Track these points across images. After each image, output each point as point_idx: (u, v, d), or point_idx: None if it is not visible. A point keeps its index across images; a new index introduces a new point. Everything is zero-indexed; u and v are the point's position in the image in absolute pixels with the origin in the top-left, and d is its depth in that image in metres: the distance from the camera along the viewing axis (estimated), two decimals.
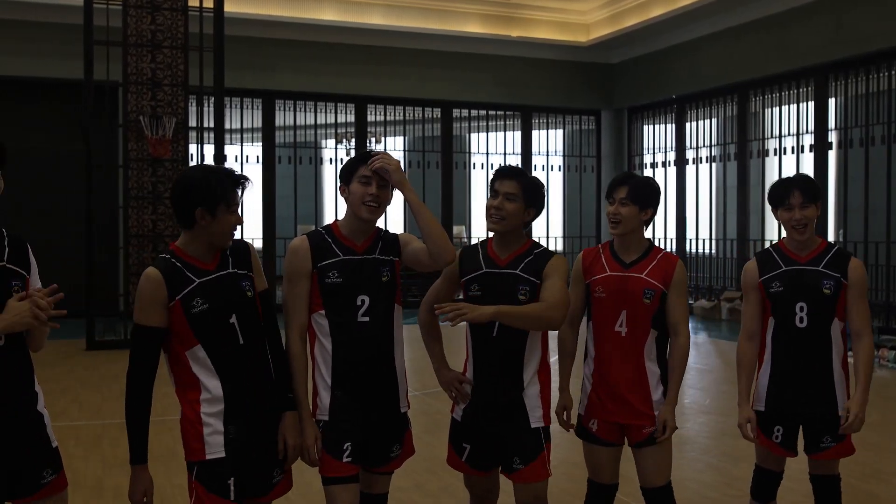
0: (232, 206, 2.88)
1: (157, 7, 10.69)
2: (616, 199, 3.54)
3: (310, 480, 5.20)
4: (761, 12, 12.93)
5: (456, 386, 3.45)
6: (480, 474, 3.47)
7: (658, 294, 3.48)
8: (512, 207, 3.34)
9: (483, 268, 3.41)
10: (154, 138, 10.60)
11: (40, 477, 2.77)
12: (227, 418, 2.86)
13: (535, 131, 16.83)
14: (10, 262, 2.74)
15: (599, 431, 3.54)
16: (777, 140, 13.46)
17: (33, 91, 13.44)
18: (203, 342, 2.84)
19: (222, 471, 2.84)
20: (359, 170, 3.20)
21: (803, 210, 3.56)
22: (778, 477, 3.75)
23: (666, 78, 15.17)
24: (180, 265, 2.86)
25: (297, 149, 15.24)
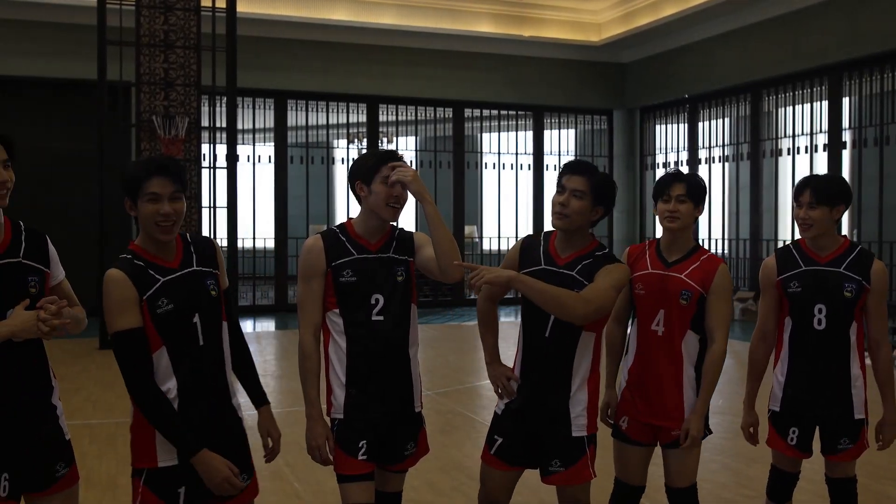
0: (147, 194, 2.73)
1: (170, 7, 10.72)
2: (673, 197, 3.46)
3: (322, 479, 5.23)
4: (774, 11, 12.87)
5: (503, 381, 3.38)
6: (505, 468, 3.38)
7: (696, 296, 3.40)
8: (578, 205, 3.22)
9: (542, 264, 3.32)
10: (167, 138, 10.63)
11: (54, 471, 2.77)
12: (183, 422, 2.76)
13: (546, 131, 16.81)
14: (27, 258, 2.73)
15: (629, 430, 3.50)
16: (790, 140, 13.40)
17: (47, 91, 13.51)
18: (167, 343, 2.76)
19: (173, 479, 2.77)
20: (381, 170, 3.14)
21: (811, 210, 3.49)
22: (794, 478, 3.72)
23: (678, 77, 15.13)
24: (143, 264, 2.78)
25: (308, 149, 15.26)
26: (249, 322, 13.72)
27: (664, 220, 3.50)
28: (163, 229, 2.76)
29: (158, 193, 2.74)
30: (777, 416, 3.65)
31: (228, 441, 2.89)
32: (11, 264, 2.68)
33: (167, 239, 2.79)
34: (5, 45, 12.82)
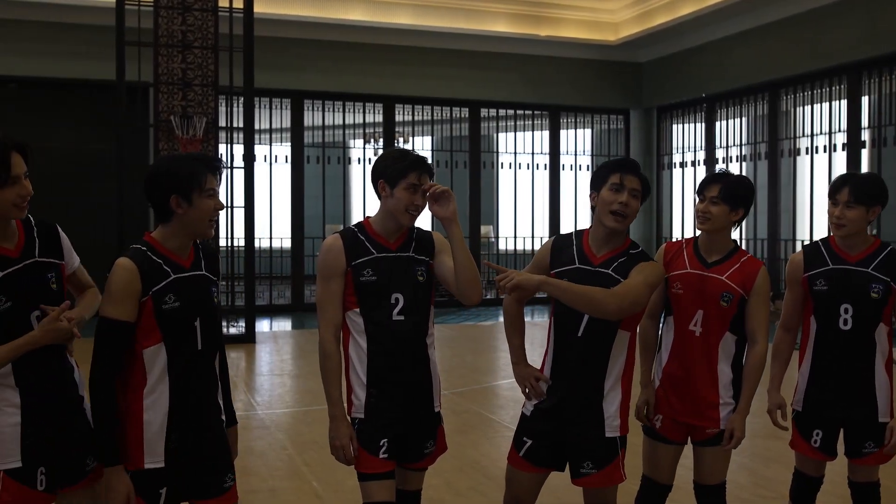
0: (207, 190, 2.76)
1: (188, 8, 10.78)
2: (706, 197, 3.45)
3: (342, 479, 5.25)
4: (792, 10, 12.80)
5: (531, 382, 3.35)
6: (533, 471, 3.36)
7: (737, 298, 3.40)
8: (636, 205, 3.23)
9: (576, 263, 3.30)
10: (185, 138, 10.68)
11: (84, 464, 2.81)
12: (172, 424, 2.77)
13: (563, 131, 16.78)
14: (43, 255, 2.75)
15: (663, 429, 3.49)
16: (809, 139, 13.32)
17: (66, 92, 13.60)
18: (166, 342, 2.75)
19: (157, 480, 2.77)
20: (409, 176, 3.12)
21: (848, 209, 3.44)
22: (818, 482, 3.67)
23: (695, 77, 15.06)
24: (156, 258, 2.77)
25: (325, 148, 15.30)
26: (266, 321, 13.77)
27: (697, 220, 3.51)
28: (212, 225, 2.81)
29: (216, 190, 2.79)
30: (800, 416, 3.62)
31: (212, 445, 2.89)
32: (29, 265, 2.70)
33: (211, 235, 2.83)
34: (25, 46, 12.91)
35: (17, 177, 2.61)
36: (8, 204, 2.61)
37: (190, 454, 2.81)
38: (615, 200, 3.21)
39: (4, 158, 2.59)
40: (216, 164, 2.81)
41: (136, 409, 2.75)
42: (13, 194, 2.61)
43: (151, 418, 2.75)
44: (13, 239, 2.70)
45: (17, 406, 2.66)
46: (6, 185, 2.59)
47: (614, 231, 3.25)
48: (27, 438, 2.67)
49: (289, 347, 11.40)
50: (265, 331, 12.75)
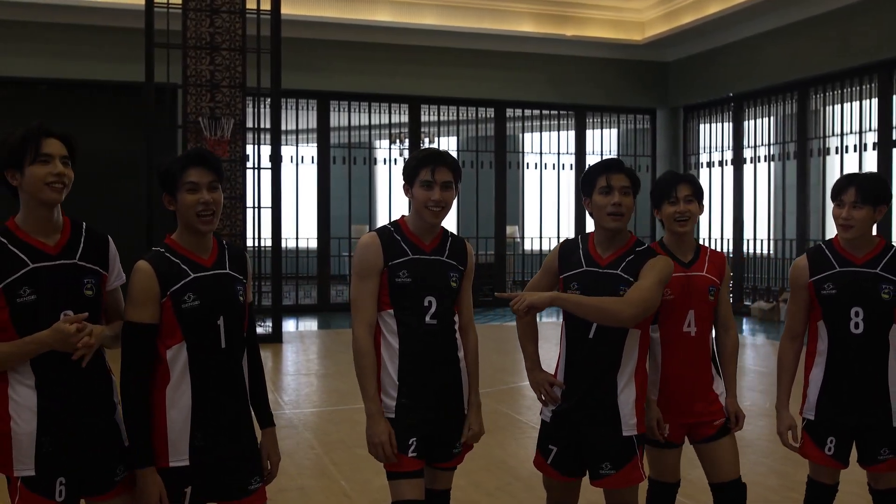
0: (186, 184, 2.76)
1: (216, 10, 10.86)
2: (680, 198, 3.53)
3: (369, 478, 5.26)
4: (822, 7, 12.68)
5: (546, 388, 3.38)
6: (564, 479, 3.40)
7: (717, 290, 3.56)
8: (629, 202, 3.26)
9: (584, 266, 3.31)
10: (212, 139, 10.76)
11: (113, 474, 2.77)
12: (195, 423, 2.77)
13: (588, 131, 16.73)
14: (84, 259, 2.73)
15: (669, 435, 3.49)
16: (839, 138, 13.18)
17: (95, 94, 13.74)
18: (187, 340, 2.76)
19: (182, 479, 2.78)
20: (420, 173, 3.14)
21: (854, 210, 3.37)
22: (833, 490, 3.58)
23: (723, 76, 14.95)
24: (175, 259, 2.79)
25: (351, 149, 15.36)
26: (292, 321, 13.84)
27: (675, 224, 3.52)
28: (203, 220, 2.79)
29: (197, 182, 2.78)
30: (812, 424, 3.53)
31: (238, 444, 2.89)
32: (66, 265, 2.69)
33: (207, 230, 2.82)
34: (54, 48, 13.08)
35: (48, 155, 2.64)
36: (39, 182, 2.63)
37: (216, 453, 2.81)
38: (608, 203, 3.24)
39: (37, 138, 2.64)
40: (200, 157, 2.81)
41: (159, 408, 2.76)
42: (44, 172, 2.63)
43: (175, 417, 2.76)
44: (54, 236, 2.71)
45: (33, 411, 2.62)
46: (36, 161, 2.63)
47: (615, 231, 3.29)
48: (43, 447, 2.62)
49: (315, 347, 11.45)
50: (291, 330, 12.82)
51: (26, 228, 2.68)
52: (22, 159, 2.63)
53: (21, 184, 2.65)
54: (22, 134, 2.65)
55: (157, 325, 2.74)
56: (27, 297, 2.60)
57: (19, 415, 2.62)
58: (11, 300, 2.60)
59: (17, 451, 2.61)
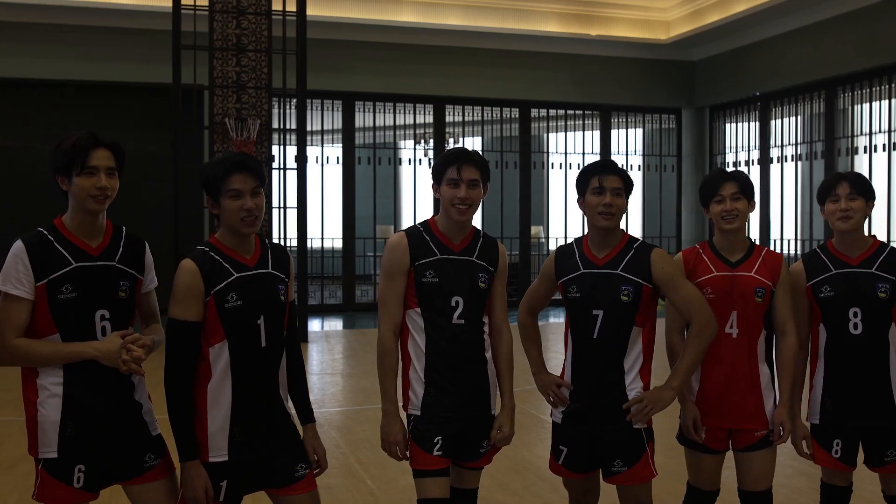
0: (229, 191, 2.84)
1: (242, 11, 10.93)
2: (726, 197, 3.43)
3: (395, 477, 5.28)
4: (850, 6, 12.55)
5: (553, 390, 3.41)
6: (578, 476, 3.43)
7: (768, 292, 3.39)
8: (620, 202, 3.29)
9: (581, 268, 3.34)
10: (239, 140, 10.83)
11: (143, 461, 2.87)
12: (234, 419, 2.85)
13: (614, 131, 16.66)
14: (122, 263, 2.84)
15: (708, 440, 3.43)
16: (867, 137, 13.04)
17: (122, 95, 13.86)
18: (229, 338, 2.83)
19: (219, 473, 2.86)
20: (447, 171, 3.19)
21: (851, 201, 3.40)
22: (847, 491, 3.56)
23: (749, 75, 14.84)
24: (219, 258, 2.87)
25: (376, 149, 15.40)
26: (317, 321, 13.89)
27: (722, 222, 3.45)
28: (247, 223, 2.86)
29: (240, 189, 2.85)
30: (818, 428, 3.51)
31: (277, 439, 2.96)
32: (106, 267, 2.80)
33: (250, 232, 2.89)
34: (82, 50, 13.22)
35: (95, 168, 2.75)
36: (84, 193, 2.74)
37: (254, 449, 2.89)
38: (599, 203, 3.28)
39: (86, 149, 2.74)
40: (242, 164, 2.87)
41: (200, 405, 2.85)
42: (89, 184, 2.73)
43: (215, 414, 2.84)
44: (97, 238, 2.82)
45: (60, 397, 2.73)
46: (83, 173, 2.73)
47: (607, 230, 3.31)
48: (66, 431, 2.73)
49: (340, 347, 11.49)
50: (317, 330, 12.88)
51: (71, 228, 2.79)
52: (70, 169, 2.74)
53: (69, 190, 2.78)
54: (72, 143, 2.75)
55: (200, 322, 2.82)
56: (68, 295, 2.72)
57: (46, 400, 2.73)
58: (53, 296, 2.71)
59: (42, 434, 2.73)
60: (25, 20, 12.95)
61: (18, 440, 6.22)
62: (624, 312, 3.26)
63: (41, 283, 2.70)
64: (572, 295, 3.34)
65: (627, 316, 3.26)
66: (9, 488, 5.16)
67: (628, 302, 3.24)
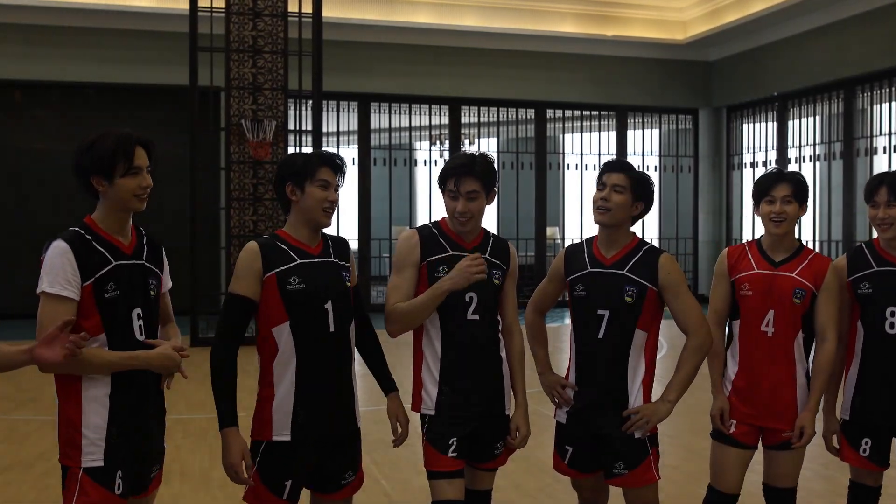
0: (318, 180, 2.95)
1: (258, 13, 10.97)
2: (778, 198, 3.38)
3: (409, 477, 5.27)
4: (869, 5, 12.45)
5: (558, 390, 3.42)
6: (585, 476, 3.44)
7: (809, 294, 3.35)
8: (619, 199, 3.28)
9: (588, 267, 3.35)
10: (255, 141, 10.87)
11: (150, 473, 2.86)
12: (298, 401, 2.91)
13: (630, 131, 16.60)
14: (149, 262, 2.84)
15: (736, 433, 3.42)
16: (886, 138, 12.93)
17: (140, 97, 13.94)
18: (292, 321, 2.90)
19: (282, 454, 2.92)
20: (447, 183, 3.22)
21: (889, 208, 3.34)
22: (875, 492, 3.53)
23: (767, 75, 14.75)
24: (283, 246, 2.96)
25: (391, 151, 15.41)
26: None
27: (769, 224, 3.41)
28: (327, 214, 2.98)
29: (328, 181, 2.97)
30: (848, 425, 3.49)
31: (339, 434, 3.01)
32: (138, 265, 2.79)
33: (328, 223, 3.01)
34: (101, 53, 13.32)
35: (139, 168, 2.74)
36: (129, 193, 2.73)
37: (317, 431, 2.94)
38: (598, 197, 3.32)
39: (129, 149, 2.72)
40: (335, 160, 3.02)
41: (267, 381, 2.94)
42: (134, 184, 2.73)
43: (281, 393, 2.91)
44: (127, 237, 2.81)
45: (105, 404, 2.68)
46: (128, 173, 2.71)
47: (603, 226, 3.33)
48: (112, 438, 2.68)
49: None
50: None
51: (105, 227, 2.76)
52: (112, 169, 2.70)
53: (107, 191, 2.72)
54: (114, 142, 2.70)
55: (254, 301, 2.90)
56: (113, 293, 2.69)
57: (90, 406, 2.68)
58: (100, 295, 2.67)
59: (87, 441, 2.67)
60: (45, 23, 13.06)
61: (36, 440, 6.27)
62: (627, 314, 3.26)
63: (88, 282, 2.64)
64: (578, 293, 3.35)
65: (631, 317, 3.26)
66: (27, 486, 5.20)
67: (631, 303, 3.25)
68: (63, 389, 2.70)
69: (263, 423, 2.93)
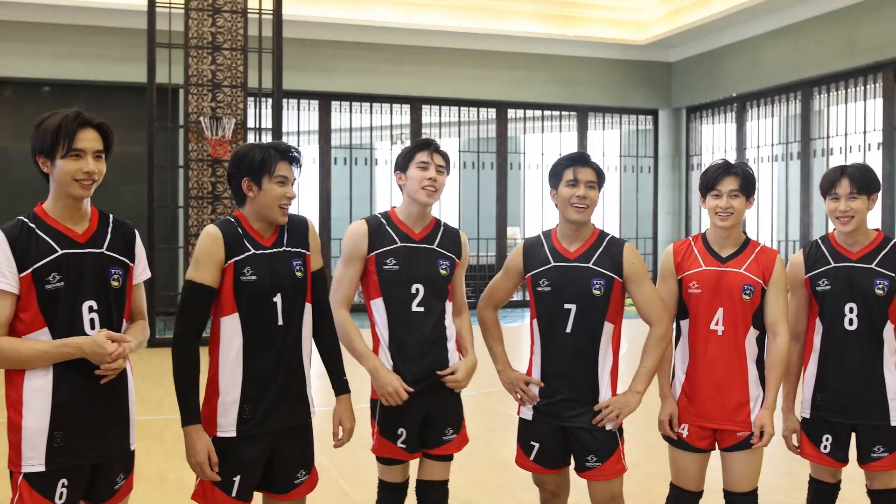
0: (277, 177, 2.84)
1: (218, 10, 10.83)
2: (724, 193, 3.34)
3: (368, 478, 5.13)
4: (827, 6, 12.62)
5: (521, 387, 3.39)
6: (550, 472, 3.41)
7: (758, 290, 3.30)
8: (594, 195, 3.28)
9: (551, 262, 3.32)
10: (214, 139, 10.73)
11: (114, 482, 2.72)
12: (244, 396, 2.82)
13: (591, 131, 16.67)
14: (111, 250, 2.68)
15: (690, 437, 3.39)
16: (843, 138, 13.12)
17: (97, 94, 13.71)
18: (241, 312, 2.80)
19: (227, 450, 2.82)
20: (416, 156, 3.27)
21: (851, 201, 3.31)
22: (834, 489, 3.54)
23: (726, 76, 14.91)
24: (241, 232, 2.86)
25: (352, 150, 15.32)
26: None
27: (715, 218, 3.37)
28: (284, 212, 2.89)
29: (286, 177, 2.87)
30: (808, 422, 3.49)
31: (289, 428, 2.93)
32: (94, 254, 2.63)
33: (284, 221, 2.90)
34: (57, 49, 13.05)
35: (81, 150, 2.58)
36: (68, 177, 2.57)
37: (264, 427, 2.85)
38: (573, 195, 3.28)
39: (71, 129, 2.58)
40: (292, 152, 2.90)
41: (212, 378, 2.84)
42: (74, 168, 2.57)
43: (225, 388, 2.81)
44: (82, 223, 2.66)
45: (48, 405, 2.54)
46: (69, 155, 2.57)
47: (579, 223, 3.32)
48: (55, 442, 2.54)
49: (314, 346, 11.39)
50: None
51: (54, 214, 2.62)
52: (53, 150, 2.57)
53: (52, 173, 2.59)
54: (57, 123, 2.58)
55: (214, 288, 2.78)
56: (55, 284, 2.54)
57: (32, 408, 2.53)
58: (40, 286, 2.53)
59: (27, 444, 2.53)
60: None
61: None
62: (596, 306, 3.25)
63: (25, 273, 2.50)
64: (542, 288, 3.32)
65: (599, 310, 3.26)
66: None
67: (600, 296, 3.24)
68: (7, 387, 2.57)
69: (209, 418, 2.83)
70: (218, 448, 2.82)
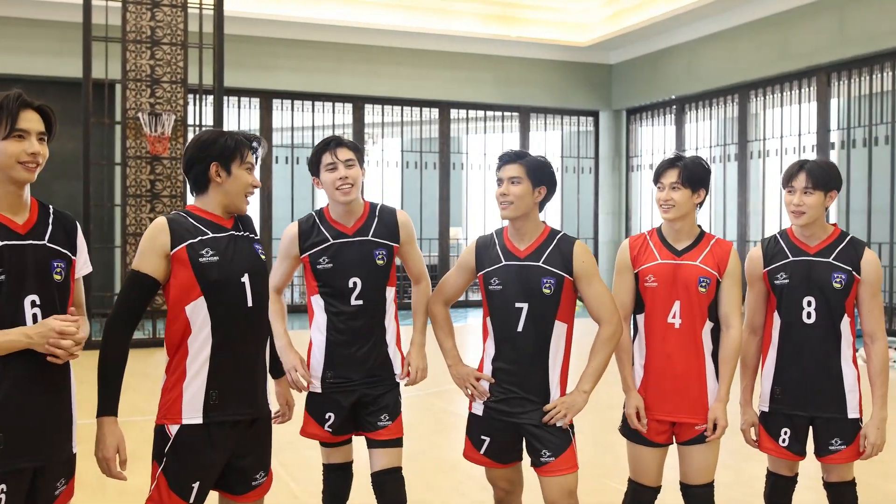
0: (245, 163, 2.84)
1: (157, 3, 10.61)
2: (665, 185, 3.36)
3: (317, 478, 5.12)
4: (762, 12, 12.89)
5: (472, 382, 3.36)
6: (502, 467, 3.39)
7: (714, 282, 3.32)
8: (518, 190, 3.24)
9: (502, 260, 3.30)
10: (153, 136, 10.50)
11: (55, 488, 2.59)
12: (211, 381, 2.75)
13: (532, 132, 16.76)
14: (53, 242, 2.54)
15: (649, 432, 3.39)
16: (778, 141, 13.41)
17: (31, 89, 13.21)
18: (207, 296, 2.71)
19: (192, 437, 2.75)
20: (322, 159, 3.37)
21: (806, 195, 3.34)
22: (791, 482, 3.58)
23: (665, 79, 15.13)
24: (193, 220, 2.79)
25: (294, 149, 15.15)
26: None
27: (660, 210, 3.40)
28: (247, 200, 2.89)
29: (253, 164, 2.90)
30: (767, 416, 3.51)
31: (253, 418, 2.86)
32: (35, 246, 2.49)
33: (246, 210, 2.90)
34: None
35: (25, 131, 2.47)
36: (11, 159, 2.44)
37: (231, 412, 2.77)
38: (499, 193, 3.29)
39: (13, 108, 2.47)
40: (255, 142, 2.90)
41: (175, 366, 2.74)
42: (18, 149, 2.44)
43: (192, 374, 2.73)
44: (22, 214, 2.52)
45: None
46: (10, 136, 2.44)
47: (509, 219, 3.30)
48: None
49: None
50: None
51: None
52: None
53: None
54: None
55: (156, 280, 2.73)
56: None
57: None
58: None
59: None
60: None
61: None
62: (546, 305, 3.23)
63: None
64: (493, 287, 3.29)
65: (550, 309, 3.24)
66: None
67: (550, 294, 3.22)
68: None
69: (173, 407, 2.73)
70: (179, 449, 2.73)
